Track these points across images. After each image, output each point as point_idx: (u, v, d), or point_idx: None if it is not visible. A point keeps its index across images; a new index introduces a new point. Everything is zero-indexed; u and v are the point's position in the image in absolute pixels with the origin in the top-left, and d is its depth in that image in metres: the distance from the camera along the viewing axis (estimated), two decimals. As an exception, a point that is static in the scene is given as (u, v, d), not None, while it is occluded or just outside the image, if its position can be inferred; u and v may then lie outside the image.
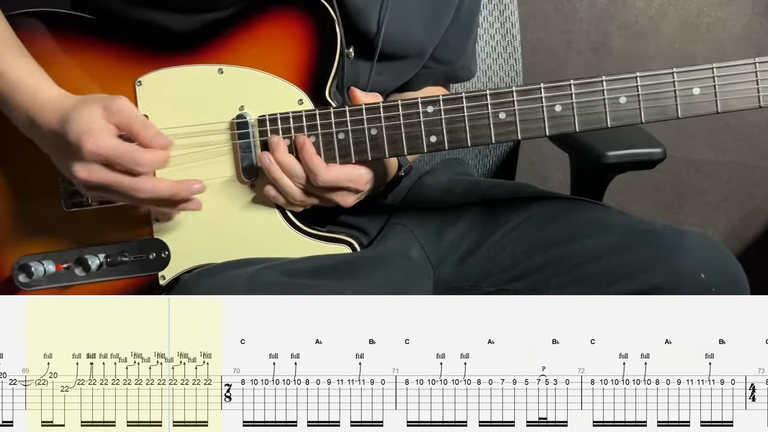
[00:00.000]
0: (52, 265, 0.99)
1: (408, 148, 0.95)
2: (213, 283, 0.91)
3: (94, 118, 0.88)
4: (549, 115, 0.92)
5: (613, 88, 0.91)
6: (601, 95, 0.91)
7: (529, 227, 1.03)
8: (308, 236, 0.99)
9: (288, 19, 0.96)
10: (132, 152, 0.89)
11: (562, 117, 0.92)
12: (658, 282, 0.93)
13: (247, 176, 0.97)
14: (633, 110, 0.91)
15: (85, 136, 0.87)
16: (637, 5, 1.96)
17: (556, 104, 0.92)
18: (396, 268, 1.02)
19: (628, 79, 0.91)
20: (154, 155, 0.90)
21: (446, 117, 0.94)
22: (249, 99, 0.96)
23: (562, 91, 0.92)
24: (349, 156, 0.95)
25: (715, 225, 2.10)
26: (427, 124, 0.94)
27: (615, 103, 0.91)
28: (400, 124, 0.94)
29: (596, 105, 0.92)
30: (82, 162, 0.89)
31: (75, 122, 0.88)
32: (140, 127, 0.90)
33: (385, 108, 0.94)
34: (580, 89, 0.92)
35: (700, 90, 0.91)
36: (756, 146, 2.02)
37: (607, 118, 0.92)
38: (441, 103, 0.93)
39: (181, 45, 0.97)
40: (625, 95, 0.91)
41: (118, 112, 0.89)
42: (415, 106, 0.94)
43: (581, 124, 0.92)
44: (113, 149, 0.88)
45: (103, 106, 0.89)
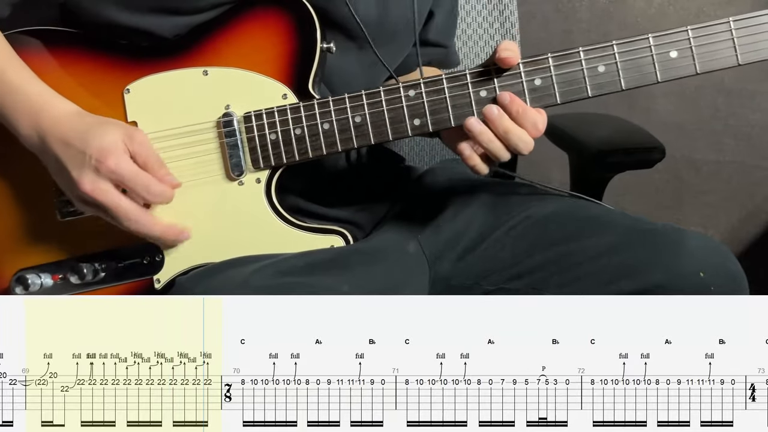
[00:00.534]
0: (49, 278, 1.00)
1: (392, 132, 0.96)
2: (208, 286, 0.92)
3: (117, 141, 0.92)
4: (529, 88, 0.93)
5: (591, 57, 0.92)
6: (579, 65, 0.93)
7: (530, 226, 1.03)
8: (301, 229, 0.99)
9: (268, 18, 0.98)
10: (147, 180, 0.93)
11: (543, 90, 0.93)
12: (658, 281, 0.93)
13: (236, 173, 0.97)
14: (612, 78, 0.92)
15: (108, 154, 0.91)
16: (637, 5, 1.96)
17: (535, 78, 0.93)
18: (392, 262, 1.02)
19: (605, 48, 0.92)
20: (164, 189, 0.95)
21: (428, 100, 0.95)
22: (234, 98, 0.97)
23: (540, 65, 0.93)
24: (335, 145, 0.96)
25: (715, 225, 2.10)
26: (410, 108, 0.95)
27: (594, 72, 0.92)
28: (383, 110, 0.96)
29: (575, 75, 0.93)
30: (95, 176, 0.91)
31: (97, 139, 0.92)
32: (156, 162, 0.94)
33: (368, 95, 0.96)
34: (558, 61, 0.93)
35: (678, 53, 0.92)
36: (756, 146, 2.02)
37: (587, 88, 0.93)
38: (422, 86, 0.95)
39: (166, 51, 0.99)
40: (603, 64, 0.92)
41: (140, 143, 0.93)
42: (396, 91, 0.95)
43: (562, 96, 0.93)
44: (133, 173, 0.92)
45: (126, 132, 0.93)
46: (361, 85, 0.98)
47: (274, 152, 0.97)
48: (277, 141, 0.97)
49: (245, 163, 0.98)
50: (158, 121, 0.98)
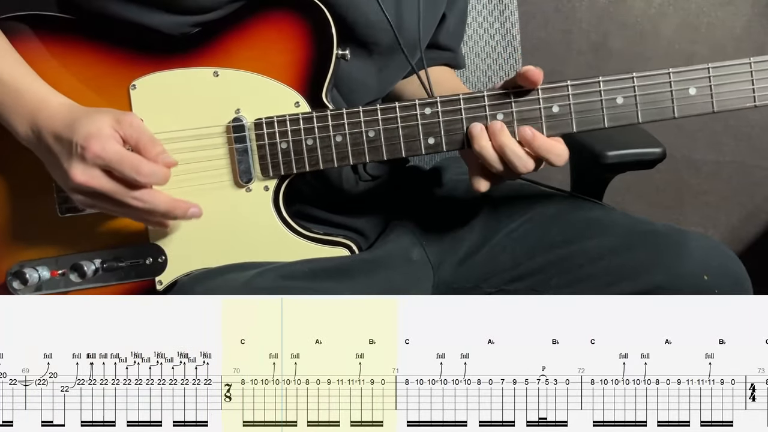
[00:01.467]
0: (47, 272, 0.98)
1: (406, 150, 0.95)
2: (210, 287, 0.91)
3: (103, 125, 0.89)
4: (546, 115, 0.92)
5: (610, 88, 0.92)
6: (598, 96, 0.92)
7: (531, 228, 1.03)
8: (306, 239, 0.98)
9: (283, 21, 0.95)
10: (135, 161, 0.89)
11: (560, 117, 0.92)
12: (659, 283, 0.93)
13: (244, 180, 0.97)
14: (630, 110, 0.92)
15: (93, 140, 0.88)
16: (637, 5, 1.96)
17: (553, 105, 0.92)
18: (396, 270, 1.01)
19: (625, 80, 0.92)
20: (156, 168, 0.90)
21: (444, 119, 0.94)
22: (245, 102, 0.96)
23: (559, 92, 0.92)
24: (346, 158, 0.95)
25: (715, 225, 2.10)
26: (424, 126, 0.94)
27: (612, 104, 0.92)
28: (397, 127, 0.94)
29: (593, 105, 0.92)
30: (83, 165, 0.89)
31: (84, 127, 0.89)
32: (148, 141, 0.90)
33: (383, 110, 0.94)
34: (577, 90, 0.92)
35: (696, 90, 0.91)
36: (756, 146, 2.02)
37: (604, 119, 0.92)
38: (439, 104, 0.93)
39: (176, 48, 0.97)
40: (621, 96, 0.92)
41: (129, 125, 0.90)
42: (412, 108, 0.94)
43: (579, 125, 0.92)
44: (118, 155, 0.88)
45: (114, 117, 0.90)
46: (367, 91, 0.97)
47: (284, 161, 0.96)
48: (288, 150, 0.96)
49: (254, 170, 0.96)
50: (164, 121, 0.96)
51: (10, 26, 0.97)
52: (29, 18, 0.98)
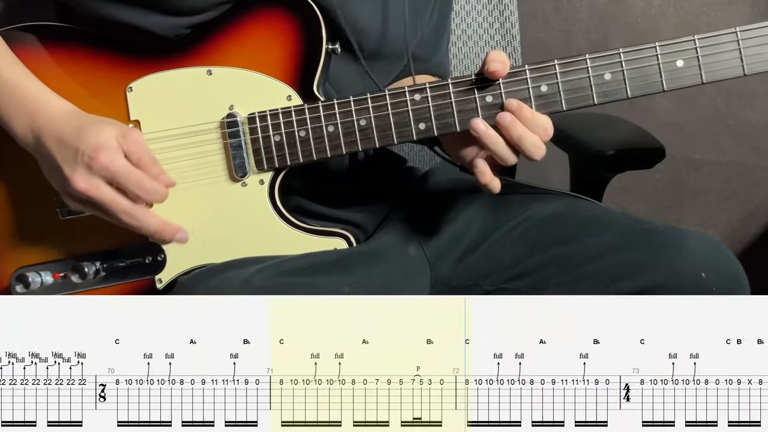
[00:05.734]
0: (49, 275, 0.99)
1: (397, 136, 0.96)
2: (210, 285, 0.92)
3: (110, 138, 0.92)
4: (535, 94, 0.93)
5: (598, 65, 0.93)
6: (585, 72, 0.93)
7: (530, 226, 1.03)
8: (303, 231, 0.99)
9: (273, 18, 0.97)
10: (140, 177, 0.93)
11: (549, 96, 0.93)
12: (658, 281, 0.93)
13: (239, 174, 0.97)
14: (618, 86, 0.93)
15: (102, 151, 0.90)
16: (637, 5, 1.96)
17: (542, 84, 0.93)
18: (393, 265, 1.02)
19: (612, 56, 0.92)
20: (159, 186, 0.94)
21: (434, 104, 0.95)
22: (238, 98, 0.97)
23: (547, 71, 0.93)
24: (339, 147, 0.96)
25: (715, 225, 2.10)
26: (415, 112, 0.95)
27: (600, 80, 0.93)
28: (388, 114, 0.95)
29: (582, 83, 0.93)
30: (87, 173, 0.91)
31: (92, 136, 0.91)
32: (149, 160, 0.94)
33: (373, 99, 0.95)
34: (565, 68, 0.93)
35: (684, 62, 0.92)
36: (756, 146, 2.02)
37: (593, 96, 0.93)
38: (428, 90, 0.94)
39: (170, 50, 0.98)
40: (609, 71, 0.92)
41: (134, 141, 0.93)
42: (402, 95, 0.95)
43: (568, 103, 0.93)
44: (124, 169, 0.92)
45: (120, 131, 0.93)
46: (358, 92, 0.97)
47: (278, 154, 0.97)
48: (281, 143, 0.97)
49: (249, 164, 0.97)
50: (161, 121, 0.97)
51: (9, 35, 0.99)
52: (29, 28, 0.99)
